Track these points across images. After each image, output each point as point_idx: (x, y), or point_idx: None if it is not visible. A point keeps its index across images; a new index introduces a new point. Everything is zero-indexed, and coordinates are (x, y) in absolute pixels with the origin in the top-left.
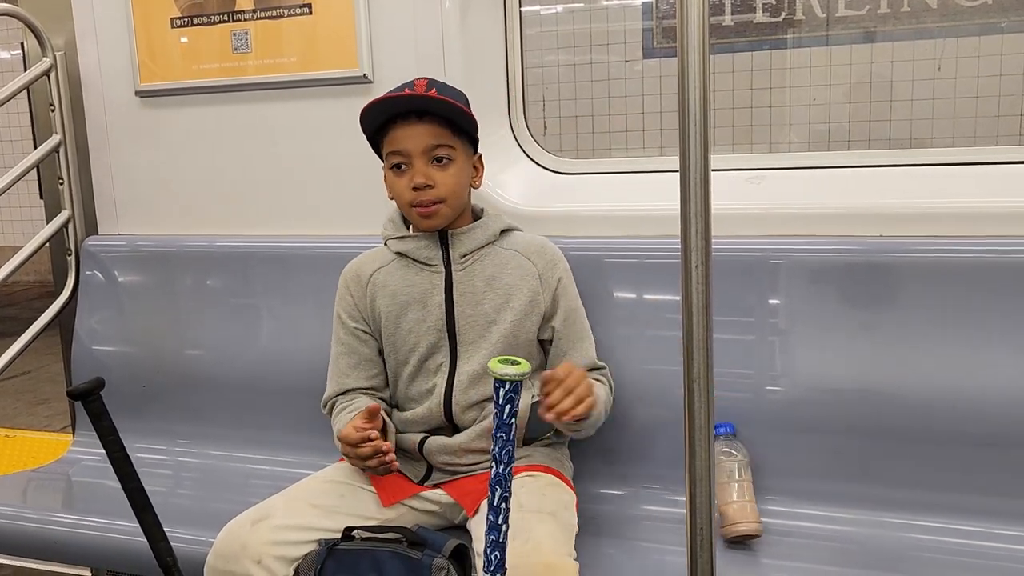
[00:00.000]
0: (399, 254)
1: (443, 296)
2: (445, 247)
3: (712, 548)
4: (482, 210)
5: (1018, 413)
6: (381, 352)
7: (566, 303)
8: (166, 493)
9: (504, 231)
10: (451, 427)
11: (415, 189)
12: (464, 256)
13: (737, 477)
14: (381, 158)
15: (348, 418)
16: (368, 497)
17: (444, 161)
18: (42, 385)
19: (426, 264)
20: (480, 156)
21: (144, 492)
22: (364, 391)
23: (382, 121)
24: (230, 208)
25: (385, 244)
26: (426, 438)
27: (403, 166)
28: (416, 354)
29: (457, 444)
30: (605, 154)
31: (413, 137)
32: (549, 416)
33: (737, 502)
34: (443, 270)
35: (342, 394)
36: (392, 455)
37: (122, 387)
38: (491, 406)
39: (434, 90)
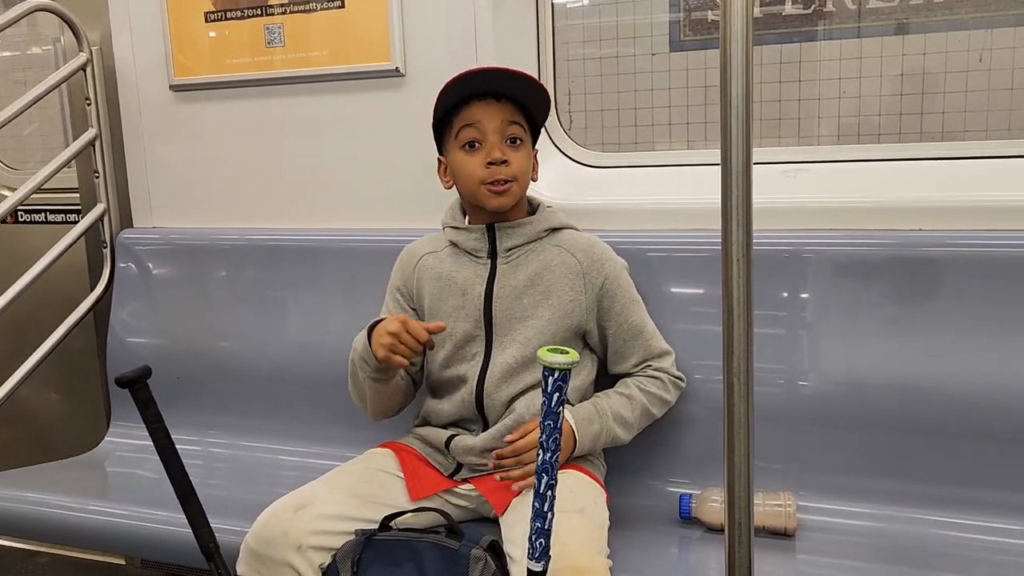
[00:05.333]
0: (452, 243)
1: (484, 287)
2: (493, 240)
3: (750, 543)
4: (538, 205)
5: None
6: None
7: (616, 303)
8: (198, 483)
9: (555, 229)
10: (481, 420)
11: (490, 165)
12: (510, 250)
13: None
14: (440, 151)
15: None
16: (404, 487)
17: (517, 142)
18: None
19: (473, 255)
20: (536, 151)
21: (188, 478)
22: None
23: (459, 100)
24: (261, 201)
25: (443, 230)
26: (452, 436)
27: (476, 144)
28: (452, 340)
29: (481, 444)
30: (631, 148)
31: (490, 114)
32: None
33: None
34: (488, 262)
35: None
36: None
37: (156, 378)
38: (519, 404)
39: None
